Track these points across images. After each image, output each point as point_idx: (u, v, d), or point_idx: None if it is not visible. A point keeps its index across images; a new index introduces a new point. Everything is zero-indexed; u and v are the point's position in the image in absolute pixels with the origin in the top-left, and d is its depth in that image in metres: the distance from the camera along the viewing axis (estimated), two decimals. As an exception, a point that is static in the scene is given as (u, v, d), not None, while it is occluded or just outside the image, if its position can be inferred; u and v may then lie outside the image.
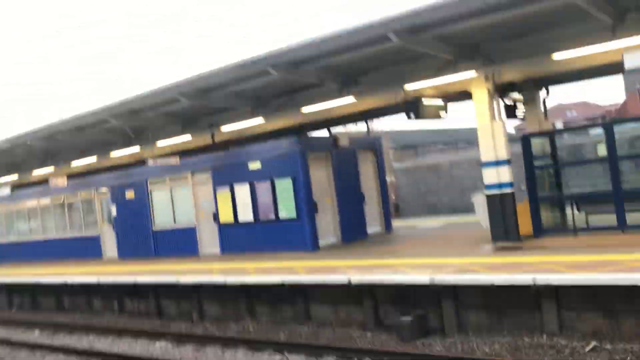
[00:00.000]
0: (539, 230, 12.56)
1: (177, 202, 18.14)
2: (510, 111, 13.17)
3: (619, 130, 12.14)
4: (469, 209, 18.29)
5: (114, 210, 20.02)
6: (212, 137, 16.70)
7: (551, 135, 13.61)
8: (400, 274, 10.40)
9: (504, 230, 12.09)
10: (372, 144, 18.14)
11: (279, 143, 15.72)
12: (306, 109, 14.06)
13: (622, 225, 11.49)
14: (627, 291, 8.15)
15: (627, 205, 11.57)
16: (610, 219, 11.73)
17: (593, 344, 8.26)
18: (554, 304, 8.92)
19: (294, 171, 15.12)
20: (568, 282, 8.55)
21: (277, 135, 16.46)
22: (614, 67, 10.58)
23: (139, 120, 16.61)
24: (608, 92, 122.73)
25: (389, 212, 18.19)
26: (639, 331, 8.22)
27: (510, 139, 12.79)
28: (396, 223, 19.04)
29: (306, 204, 15.01)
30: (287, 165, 15.25)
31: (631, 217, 11.49)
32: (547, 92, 13.76)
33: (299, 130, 16.38)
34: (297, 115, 14.85)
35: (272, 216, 15.59)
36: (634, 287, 7.98)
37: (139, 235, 19.18)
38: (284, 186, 15.27)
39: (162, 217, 18.54)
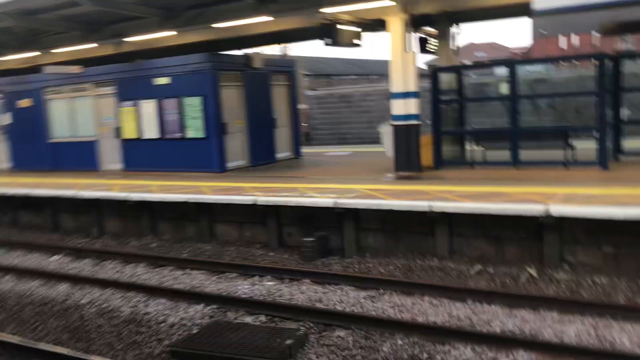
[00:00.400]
0: (439, 162, 13.16)
1: (77, 114, 17.20)
2: (423, 45, 13.37)
3: (522, 72, 12.75)
4: (377, 139, 18.77)
5: (7, 119, 18.73)
6: (118, 46, 15.77)
7: (458, 70, 14.03)
8: (306, 196, 10.60)
9: (407, 160, 12.51)
10: (287, 68, 17.85)
11: (189, 59, 15.07)
12: (219, 25, 13.52)
13: (515, 161, 12.28)
14: (512, 221, 8.80)
15: (521, 143, 12.35)
16: (506, 154, 12.49)
17: (478, 267, 8.94)
18: (446, 230, 9.50)
19: (203, 89, 14.68)
20: (460, 210, 9.09)
21: (188, 51, 15.76)
22: (524, 9, 10.88)
23: (36, 23, 15.30)
24: (516, 36, 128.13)
25: (299, 139, 18.24)
26: (519, 257, 8.97)
27: (420, 74, 13.04)
28: (306, 150, 19.19)
29: (215, 124, 14.72)
30: (197, 82, 14.75)
31: (524, 154, 12.30)
32: (459, 29, 14.04)
33: (211, 48, 15.78)
34: (210, 31, 14.25)
35: (179, 135, 15.20)
36: (519, 217, 8.63)
37: (34, 146, 18.15)
38: (193, 104, 14.83)
39: (61, 128, 17.58)
